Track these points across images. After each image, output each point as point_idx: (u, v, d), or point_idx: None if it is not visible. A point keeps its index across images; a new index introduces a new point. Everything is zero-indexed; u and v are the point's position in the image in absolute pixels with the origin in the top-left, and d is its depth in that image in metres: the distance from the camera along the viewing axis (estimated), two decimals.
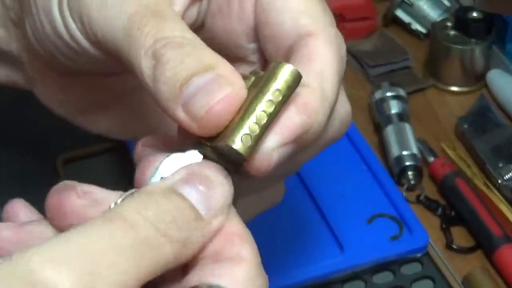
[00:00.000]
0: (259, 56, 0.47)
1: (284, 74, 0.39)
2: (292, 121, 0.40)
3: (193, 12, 0.46)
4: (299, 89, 0.40)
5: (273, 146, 0.39)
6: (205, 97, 0.38)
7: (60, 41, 0.46)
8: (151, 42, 0.40)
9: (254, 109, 0.38)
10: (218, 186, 0.39)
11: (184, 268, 0.39)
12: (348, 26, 0.89)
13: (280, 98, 0.39)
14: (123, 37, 0.41)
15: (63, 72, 0.50)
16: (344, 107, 0.47)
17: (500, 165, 0.75)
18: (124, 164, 0.74)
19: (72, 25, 0.44)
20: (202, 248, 0.38)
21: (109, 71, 0.49)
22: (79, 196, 0.40)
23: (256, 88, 0.39)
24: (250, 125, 0.38)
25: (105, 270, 0.34)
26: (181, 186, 0.38)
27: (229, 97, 0.38)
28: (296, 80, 0.39)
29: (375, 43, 0.89)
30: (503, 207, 0.73)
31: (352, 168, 0.75)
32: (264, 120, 0.38)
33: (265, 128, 0.39)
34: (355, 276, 0.67)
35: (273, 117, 0.39)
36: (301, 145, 0.40)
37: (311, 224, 0.70)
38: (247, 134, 0.38)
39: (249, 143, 0.38)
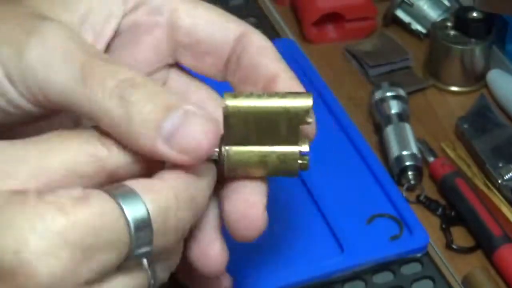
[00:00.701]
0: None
1: (301, 99, 0.45)
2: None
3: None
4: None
5: None
6: (188, 132, 0.43)
7: None
8: (112, 84, 0.43)
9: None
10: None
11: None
12: (348, 26, 0.89)
13: (279, 97, 0.45)
14: (77, 88, 0.43)
15: None
16: None
17: (500, 165, 0.75)
18: None
19: (10, 91, 0.45)
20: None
21: (34, 120, 0.49)
22: None
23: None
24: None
25: None
26: None
27: (212, 130, 0.43)
28: (303, 111, 0.45)
29: (375, 43, 0.89)
30: (503, 207, 0.73)
31: (352, 168, 0.74)
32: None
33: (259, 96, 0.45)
34: (355, 276, 0.67)
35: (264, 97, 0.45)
36: None
37: (310, 224, 0.70)
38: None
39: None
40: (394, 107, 0.79)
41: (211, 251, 0.50)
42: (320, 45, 0.89)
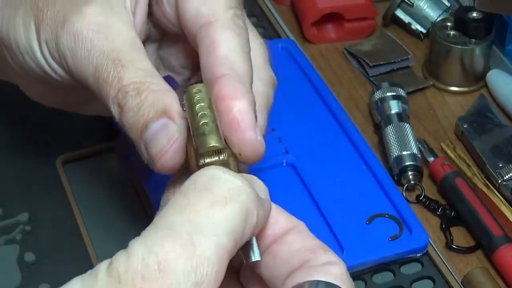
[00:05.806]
0: None
1: (196, 96, 0.45)
2: (238, 114, 0.47)
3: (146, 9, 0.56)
4: (219, 82, 0.47)
5: (255, 135, 0.47)
6: (159, 144, 0.47)
7: (43, 73, 0.55)
8: (114, 93, 0.49)
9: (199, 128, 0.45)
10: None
11: None
12: (348, 26, 0.89)
13: (206, 111, 0.45)
14: (94, 82, 0.51)
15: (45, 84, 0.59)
16: (266, 72, 0.55)
17: (500, 165, 0.75)
18: (125, 165, 0.74)
19: (53, 64, 0.54)
20: None
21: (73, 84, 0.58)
22: None
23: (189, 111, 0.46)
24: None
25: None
26: None
27: (176, 144, 0.47)
28: (205, 92, 0.45)
29: (375, 43, 0.89)
30: (503, 207, 0.73)
31: (352, 168, 0.74)
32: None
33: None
34: (355, 276, 0.67)
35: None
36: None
37: (310, 224, 0.70)
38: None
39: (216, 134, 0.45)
40: (394, 107, 0.79)
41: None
42: (320, 45, 0.89)
